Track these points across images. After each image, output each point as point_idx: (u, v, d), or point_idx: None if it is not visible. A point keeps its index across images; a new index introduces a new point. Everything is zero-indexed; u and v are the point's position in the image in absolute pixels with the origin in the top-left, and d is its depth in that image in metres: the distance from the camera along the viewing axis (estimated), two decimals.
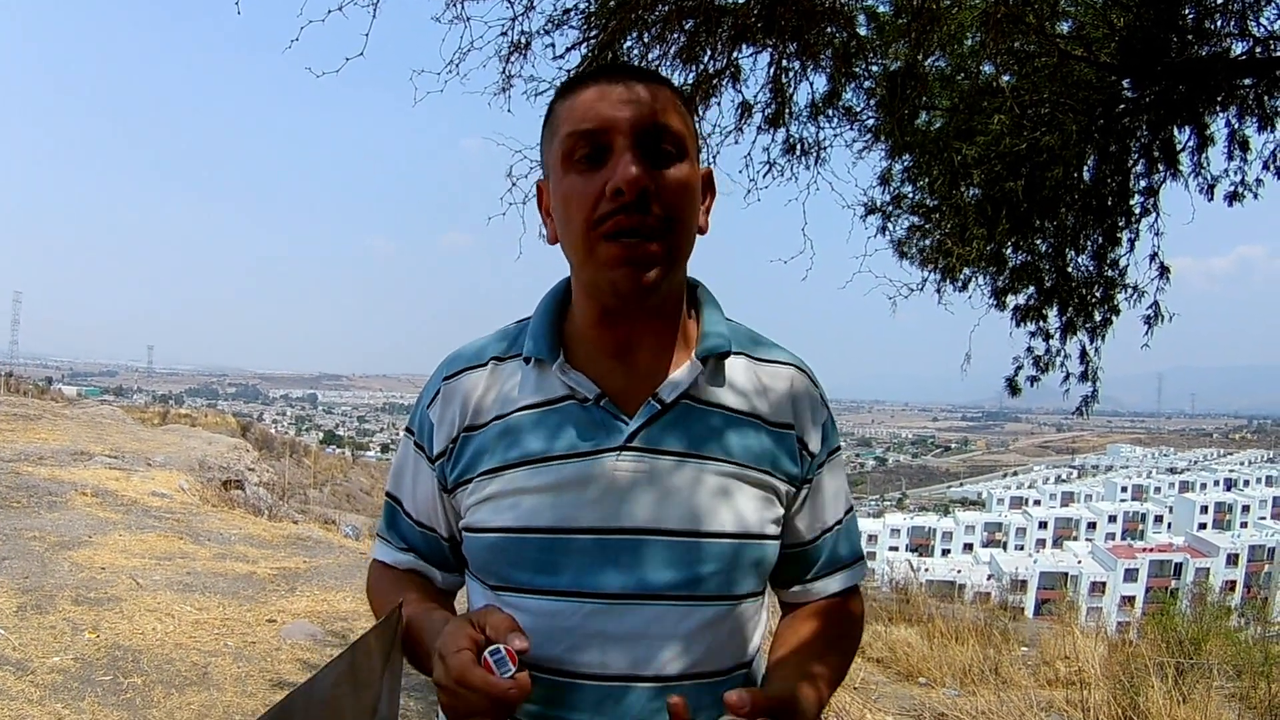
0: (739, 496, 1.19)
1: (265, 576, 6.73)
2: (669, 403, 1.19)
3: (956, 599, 14.63)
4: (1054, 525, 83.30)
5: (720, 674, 1.19)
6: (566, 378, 1.19)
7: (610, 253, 1.10)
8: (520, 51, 4.70)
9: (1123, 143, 5.05)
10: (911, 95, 4.74)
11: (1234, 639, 7.91)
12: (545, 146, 1.21)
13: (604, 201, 1.09)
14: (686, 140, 1.16)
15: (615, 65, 1.18)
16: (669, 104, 1.14)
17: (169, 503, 8.95)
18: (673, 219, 1.12)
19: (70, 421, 14.01)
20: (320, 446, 51.67)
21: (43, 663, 4.37)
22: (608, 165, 1.10)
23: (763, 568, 1.24)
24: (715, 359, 1.23)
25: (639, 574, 1.14)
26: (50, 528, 6.85)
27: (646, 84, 1.14)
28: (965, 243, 5.09)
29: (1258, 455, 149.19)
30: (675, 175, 1.12)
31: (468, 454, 1.22)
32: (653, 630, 1.14)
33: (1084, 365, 5.43)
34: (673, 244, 1.13)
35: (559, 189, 1.15)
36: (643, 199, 1.08)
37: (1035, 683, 6.88)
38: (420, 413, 1.28)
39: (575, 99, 1.14)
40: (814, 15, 4.42)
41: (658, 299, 1.16)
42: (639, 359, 1.21)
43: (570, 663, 1.14)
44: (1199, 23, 4.58)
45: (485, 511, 1.19)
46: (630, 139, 1.10)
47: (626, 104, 1.11)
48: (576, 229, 1.12)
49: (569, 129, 1.13)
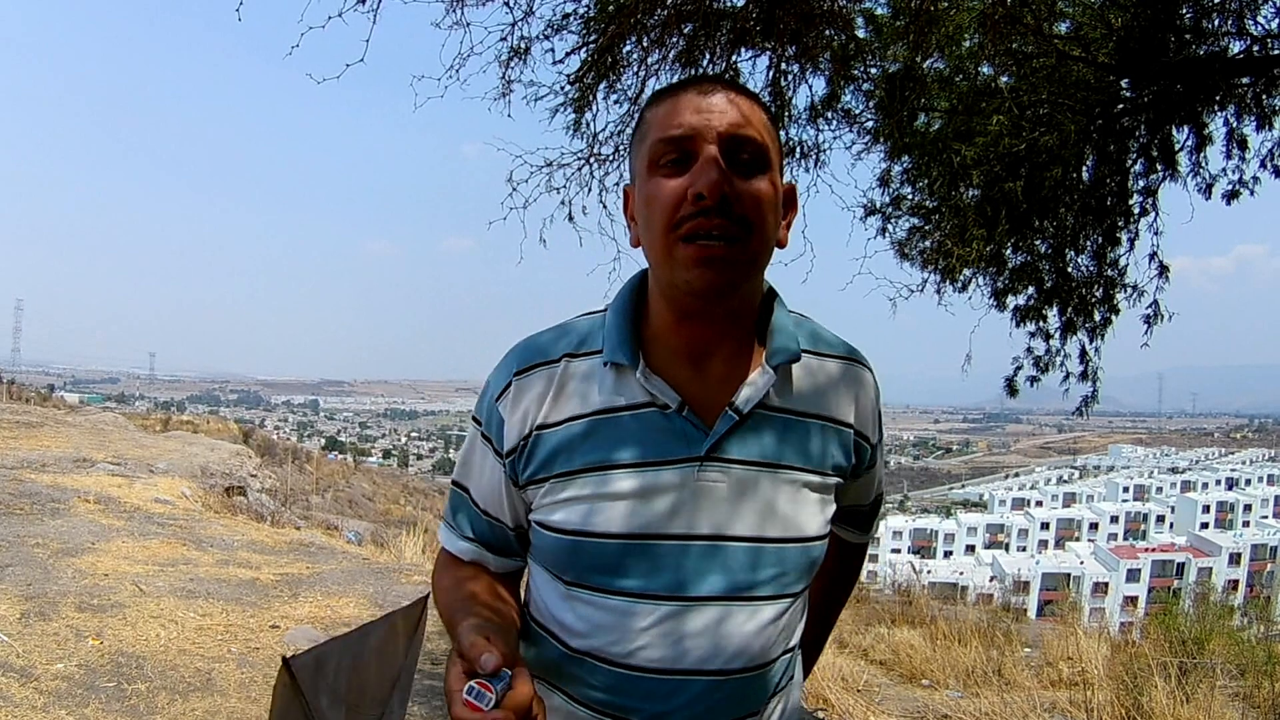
0: (806, 503, 1.26)
1: (268, 582, 6.73)
2: (745, 413, 1.22)
3: (959, 601, 14.63)
4: (1056, 526, 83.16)
5: (773, 661, 1.27)
6: (648, 384, 1.21)
7: (688, 254, 1.13)
8: (520, 57, 4.72)
9: (1121, 142, 5.05)
10: (910, 97, 4.75)
11: (1237, 638, 7.90)
12: (634, 152, 1.24)
13: (686, 204, 1.12)
14: (770, 154, 1.18)
15: (708, 76, 1.22)
16: (755, 118, 1.17)
17: (171, 509, 8.95)
18: (751, 226, 1.14)
19: (72, 428, 14.03)
20: (322, 452, 51.66)
21: (47, 669, 4.37)
22: (692, 170, 1.13)
23: (817, 564, 1.31)
24: (786, 363, 1.26)
25: (711, 578, 1.20)
26: (53, 535, 6.86)
27: (737, 95, 1.18)
28: (965, 243, 5.09)
29: (1259, 454, 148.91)
30: (756, 185, 1.15)
31: (542, 453, 1.23)
32: (720, 629, 1.20)
33: (1084, 365, 5.43)
34: (750, 250, 1.16)
35: (644, 191, 1.18)
36: (724, 204, 1.11)
37: (1038, 684, 6.89)
38: (488, 404, 1.29)
39: (665, 107, 1.18)
40: (812, 18, 4.44)
41: (733, 302, 1.20)
42: (715, 365, 1.24)
43: (638, 658, 1.19)
44: (1197, 22, 4.59)
45: (564, 512, 1.21)
46: (716, 147, 1.13)
47: (714, 113, 1.14)
48: (657, 230, 1.15)
49: (657, 135, 1.16)
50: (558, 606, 1.26)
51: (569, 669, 1.25)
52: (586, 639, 1.22)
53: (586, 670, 1.23)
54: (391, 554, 9.07)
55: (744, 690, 1.24)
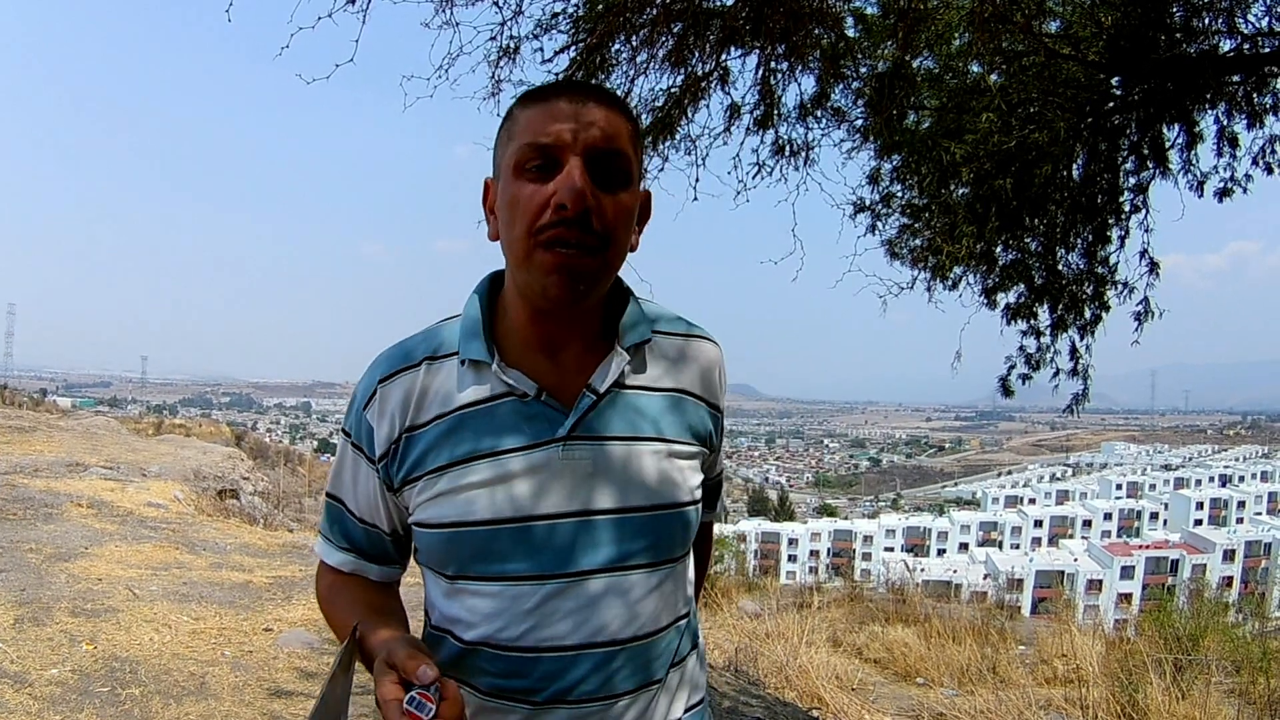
0: (673, 470, 1.31)
1: (261, 585, 6.72)
2: (602, 392, 1.27)
3: (953, 599, 14.65)
4: (1049, 524, 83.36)
5: (664, 629, 1.32)
6: (505, 375, 1.25)
7: (546, 260, 1.16)
8: (509, 56, 4.71)
9: (1112, 140, 5.07)
10: (900, 95, 4.76)
11: (1232, 635, 7.94)
12: (500, 148, 1.26)
13: (548, 212, 1.15)
14: (633, 167, 1.23)
15: (578, 83, 1.25)
16: (622, 130, 1.21)
17: (164, 513, 8.94)
18: (609, 238, 1.19)
19: (65, 433, 14.00)
20: (315, 455, 51.59)
21: (41, 674, 4.36)
22: (556, 179, 1.16)
23: (692, 528, 1.36)
24: (636, 346, 1.32)
25: (588, 553, 1.24)
26: (46, 539, 6.84)
27: (605, 107, 1.20)
28: (955, 241, 5.10)
29: (1252, 451, 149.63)
30: (618, 198, 1.19)
31: (413, 454, 1.27)
32: (604, 601, 1.24)
33: (1074, 362, 5.44)
34: (606, 260, 1.20)
35: (507, 192, 1.21)
36: (584, 216, 1.15)
37: (1033, 681, 6.90)
38: (356, 415, 1.31)
39: (535, 111, 1.20)
40: (802, 17, 4.44)
41: (585, 305, 1.25)
42: (569, 355, 1.30)
43: (529, 639, 1.23)
44: (1187, 20, 4.60)
45: (438, 507, 1.25)
46: (581, 157, 1.16)
47: (582, 125, 1.17)
48: (518, 234, 1.18)
49: (526, 139, 1.18)
50: (446, 604, 1.29)
51: (467, 662, 1.27)
52: (477, 629, 1.25)
53: (484, 660, 1.26)
54: None
55: (639, 659, 1.27)
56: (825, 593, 12.40)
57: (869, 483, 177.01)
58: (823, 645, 7.55)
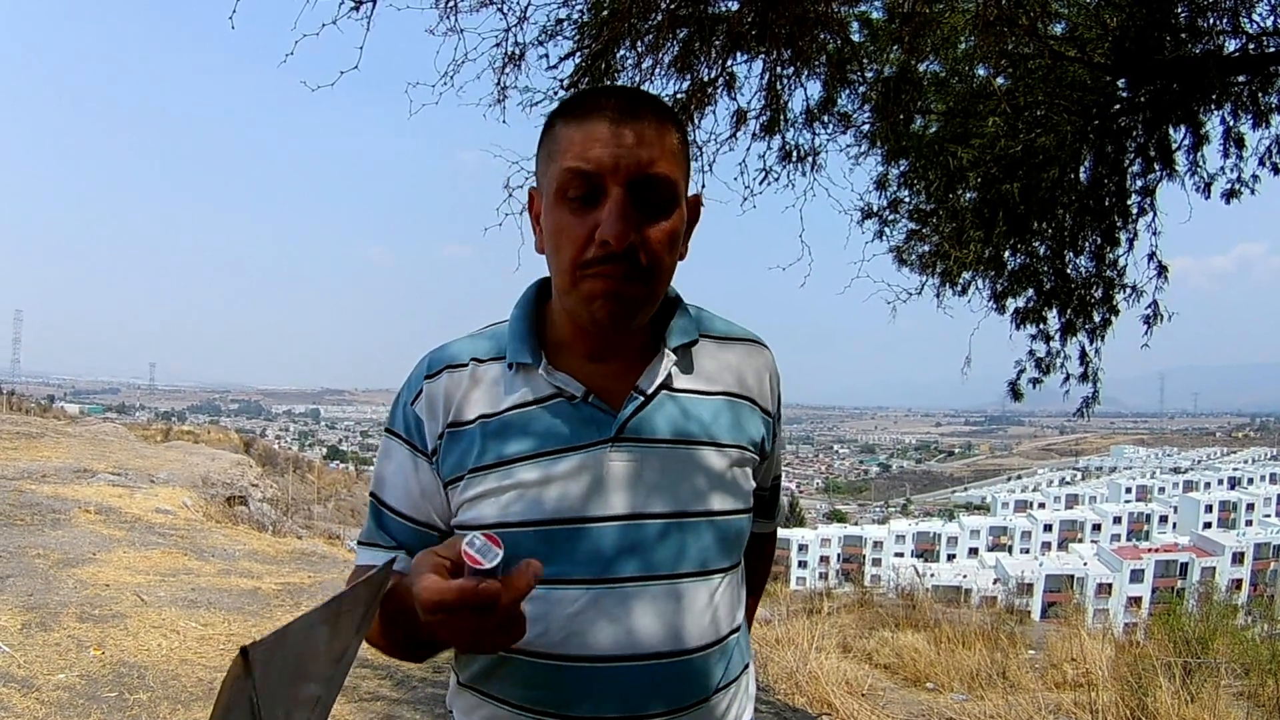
0: (723, 475, 1.27)
1: (270, 592, 6.72)
2: (650, 394, 1.25)
3: (963, 604, 14.63)
4: (1059, 528, 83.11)
5: (711, 645, 1.25)
6: (552, 378, 1.24)
7: (593, 288, 1.16)
8: (514, 63, 4.71)
9: (1118, 142, 5.06)
10: (906, 100, 4.76)
11: (1241, 637, 7.91)
12: (542, 164, 1.24)
13: (593, 247, 1.14)
14: (678, 186, 1.20)
15: (620, 98, 1.21)
16: (666, 149, 1.18)
17: (173, 519, 8.94)
18: (655, 268, 1.18)
19: (73, 439, 14.02)
20: (323, 462, 51.67)
21: (48, 680, 4.36)
22: (600, 208, 1.15)
23: (743, 536, 1.32)
24: (684, 348, 1.30)
25: (635, 558, 1.19)
26: (54, 545, 6.85)
27: (648, 124, 1.17)
28: (963, 246, 5.10)
29: (1261, 453, 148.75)
30: (662, 227, 1.18)
31: (455, 452, 1.25)
32: (647, 611, 1.19)
33: (1084, 366, 5.43)
34: (653, 289, 1.20)
35: (551, 216, 1.20)
36: (629, 251, 1.14)
37: (1043, 685, 6.88)
38: (403, 410, 1.30)
39: (575, 131, 1.17)
40: (807, 22, 4.44)
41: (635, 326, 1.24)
42: (617, 359, 1.28)
43: (566, 647, 1.18)
44: (1192, 21, 4.60)
45: (482, 507, 1.21)
46: (623, 187, 1.14)
47: (624, 150, 1.14)
48: (565, 263, 1.18)
49: (567, 164, 1.16)
50: None
51: (501, 670, 1.23)
52: None
53: (518, 669, 1.21)
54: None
55: (682, 675, 1.21)
56: (835, 598, 12.40)
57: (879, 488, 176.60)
58: (833, 651, 7.54)
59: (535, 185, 1.29)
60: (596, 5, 4.62)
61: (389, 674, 5.26)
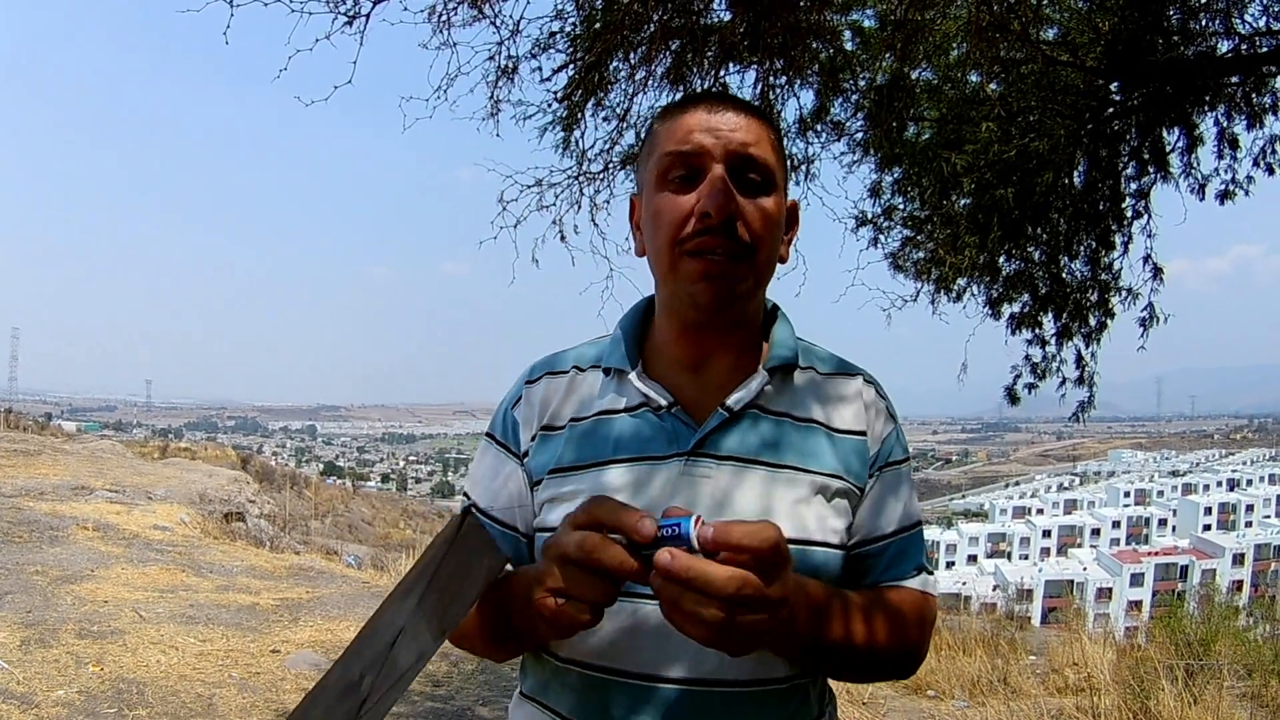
0: (800, 501, 1.19)
1: (268, 607, 6.71)
2: (736, 411, 1.21)
3: (963, 610, 14.61)
4: (1058, 533, 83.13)
5: (776, 681, 1.16)
6: (643, 386, 1.23)
7: (693, 268, 1.16)
8: (508, 76, 4.72)
9: (1112, 146, 5.07)
10: (899, 107, 4.77)
11: (1243, 638, 7.89)
12: (642, 164, 1.27)
13: (693, 221, 1.14)
14: (776, 173, 1.21)
15: (718, 93, 1.24)
16: (763, 137, 1.19)
17: (170, 536, 8.93)
18: (755, 245, 1.17)
19: (70, 456, 14.01)
20: (321, 477, 51.53)
21: (47, 696, 4.35)
22: (700, 187, 1.15)
23: (822, 572, 1.17)
24: (783, 371, 1.27)
25: None
26: (52, 562, 6.84)
27: (745, 114, 1.19)
28: (958, 252, 5.10)
29: (1259, 454, 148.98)
30: (761, 204, 1.17)
31: (544, 454, 1.24)
32: None
33: (1080, 370, 5.43)
34: (752, 267, 1.18)
35: (651, 204, 1.21)
36: (729, 223, 1.13)
37: (1044, 691, 6.86)
38: (504, 414, 1.32)
39: (676, 121, 1.19)
40: (800, 32, 4.45)
41: (735, 315, 1.21)
42: (713, 372, 1.25)
43: (620, 661, 1.14)
44: (1184, 23, 4.61)
45: (555, 510, 1.20)
46: (723, 165, 1.15)
47: (723, 131, 1.16)
48: (663, 244, 1.18)
49: (667, 149, 1.18)
50: None
51: (556, 681, 1.20)
52: (570, 643, 1.16)
53: (572, 681, 1.17)
54: (391, 577, 9.04)
55: (742, 709, 1.12)
56: None
57: None
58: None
59: (636, 192, 1.30)
60: (589, 18, 4.62)
61: None
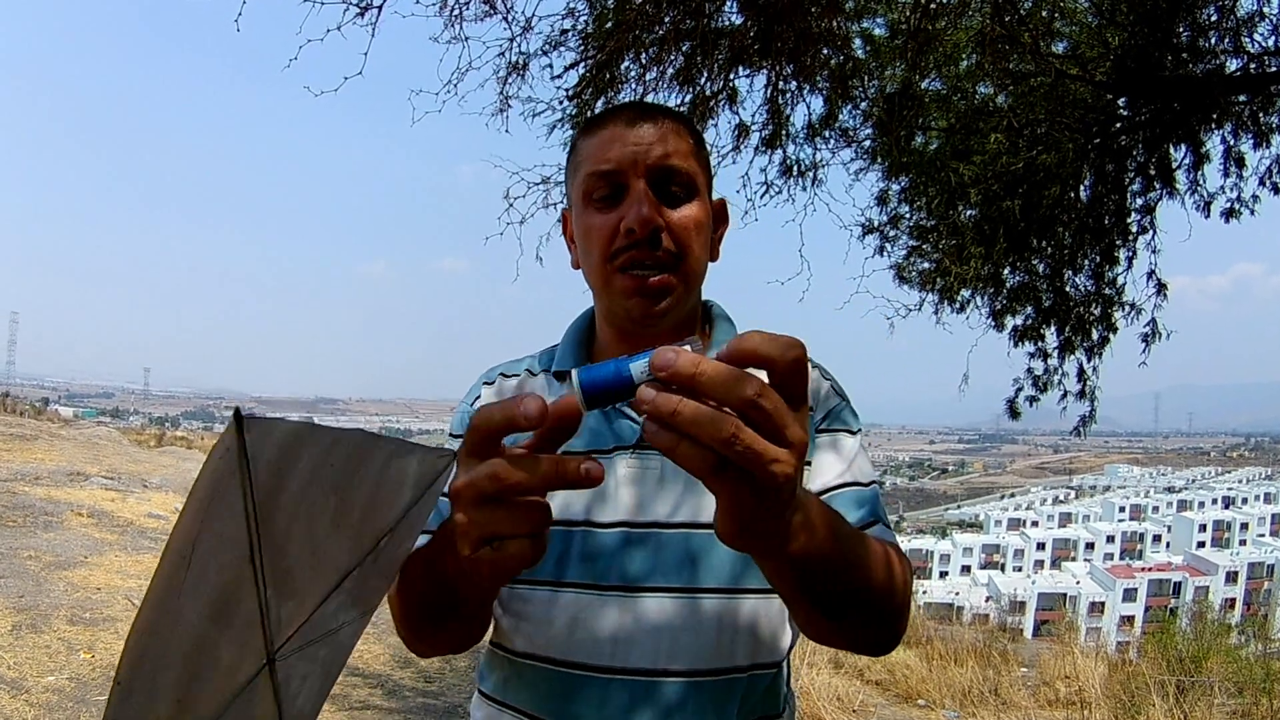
0: None
1: None
2: None
3: (955, 621, 14.62)
4: (1052, 546, 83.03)
5: (734, 671, 1.15)
6: None
7: (624, 284, 1.19)
8: (518, 72, 4.72)
9: (1119, 161, 5.07)
10: (908, 116, 4.77)
11: (1235, 656, 7.90)
12: (569, 180, 1.29)
13: (619, 238, 1.18)
14: (697, 179, 1.23)
15: (635, 105, 1.26)
16: (682, 145, 1.22)
17: (165, 524, 8.91)
18: (682, 253, 1.20)
19: (67, 442, 13.99)
20: None
21: (37, 682, 4.35)
22: (623, 204, 1.19)
23: None
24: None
25: (651, 567, 1.15)
26: (46, 547, 6.83)
27: (662, 125, 1.21)
28: (963, 263, 5.10)
29: (1256, 473, 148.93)
30: (684, 214, 1.21)
31: None
32: (662, 623, 1.13)
33: (1081, 384, 5.43)
34: (682, 275, 1.21)
35: (580, 223, 1.24)
36: (654, 237, 1.17)
37: (1035, 703, 6.86)
38: (463, 414, 1.34)
39: (595, 139, 1.22)
40: (810, 37, 4.45)
41: (670, 322, 1.24)
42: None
43: (575, 654, 1.14)
44: (1193, 40, 4.61)
45: None
46: (643, 180, 1.18)
47: (641, 146, 1.19)
48: (595, 262, 1.22)
49: (589, 169, 1.21)
50: (502, 613, 1.21)
51: (517, 678, 1.20)
52: (526, 637, 1.17)
53: (528, 677, 1.18)
54: None
55: (699, 699, 1.12)
56: None
57: None
58: (824, 667, 7.51)
59: (567, 206, 1.33)
60: (601, 16, 4.62)
61: (380, 683, 5.24)
